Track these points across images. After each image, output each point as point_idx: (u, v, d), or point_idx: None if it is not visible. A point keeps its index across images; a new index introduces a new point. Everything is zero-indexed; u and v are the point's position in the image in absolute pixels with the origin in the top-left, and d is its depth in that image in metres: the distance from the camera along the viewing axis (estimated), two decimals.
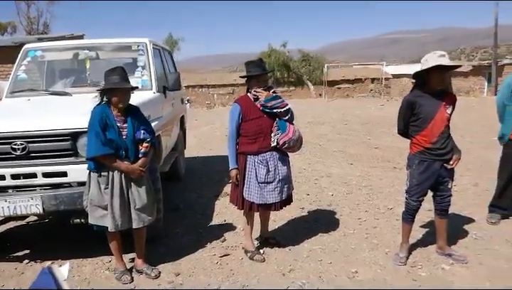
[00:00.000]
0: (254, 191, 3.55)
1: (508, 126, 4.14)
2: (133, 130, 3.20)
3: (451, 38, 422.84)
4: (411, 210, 3.53)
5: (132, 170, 3.18)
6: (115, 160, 3.10)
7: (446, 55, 3.25)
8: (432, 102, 3.29)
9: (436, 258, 3.60)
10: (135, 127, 3.21)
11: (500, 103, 4.24)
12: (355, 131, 11.05)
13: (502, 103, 4.22)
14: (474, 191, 5.46)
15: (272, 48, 26.86)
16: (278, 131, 3.55)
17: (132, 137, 3.19)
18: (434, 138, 3.31)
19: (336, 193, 5.57)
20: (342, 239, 4.09)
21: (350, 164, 7.30)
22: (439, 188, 3.47)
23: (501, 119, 4.28)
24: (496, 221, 4.30)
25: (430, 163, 3.36)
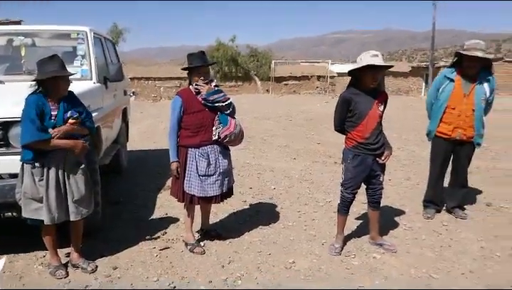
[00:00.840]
0: (195, 184, 3.58)
1: (434, 123, 4.42)
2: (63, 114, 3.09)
3: (394, 40, 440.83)
4: (346, 202, 3.70)
5: (75, 144, 3.09)
6: (52, 141, 2.99)
7: (379, 55, 3.41)
8: (365, 100, 3.46)
9: (369, 247, 3.79)
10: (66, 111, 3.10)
11: (429, 101, 4.53)
12: (299, 127, 11.30)
13: (430, 101, 4.50)
14: (407, 185, 5.78)
15: (221, 42, 26.81)
16: (219, 124, 3.59)
17: (62, 121, 3.07)
18: (367, 133, 3.48)
19: (277, 187, 5.69)
20: (282, 231, 4.20)
21: (293, 159, 7.47)
22: (372, 181, 3.66)
23: (429, 116, 4.56)
24: (431, 215, 4.56)
25: (364, 158, 3.53)
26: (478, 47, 4.11)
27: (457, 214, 4.54)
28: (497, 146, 8.51)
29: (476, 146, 4.37)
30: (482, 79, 4.21)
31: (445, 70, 4.45)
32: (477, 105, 4.20)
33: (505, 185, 5.75)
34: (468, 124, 4.24)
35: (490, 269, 3.41)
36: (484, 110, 4.29)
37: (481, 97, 4.20)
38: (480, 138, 4.32)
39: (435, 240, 3.97)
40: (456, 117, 4.26)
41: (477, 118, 4.23)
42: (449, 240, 3.97)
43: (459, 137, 4.29)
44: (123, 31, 31.04)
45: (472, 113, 4.22)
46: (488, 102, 4.29)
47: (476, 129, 4.25)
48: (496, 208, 4.84)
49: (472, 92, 4.21)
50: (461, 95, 4.23)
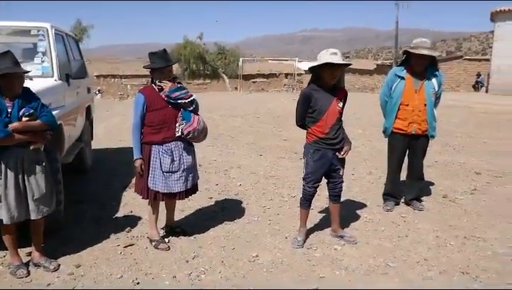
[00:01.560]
0: (159, 180, 3.60)
1: (389, 120, 4.59)
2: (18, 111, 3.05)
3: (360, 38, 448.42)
4: (307, 195, 3.80)
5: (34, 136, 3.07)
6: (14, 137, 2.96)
7: (338, 53, 3.53)
8: (325, 96, 3.57)
9: (330, 240, 3.91)
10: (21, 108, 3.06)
11: (383, 99, 4.69)
12: (266, 124, 11.41)
13: (384, 99, 4.67)
14: (368, 179, 5.96)
15: (188, 40, 26.62)
16: (182, 121, 3.62)
17: (17, 119, 3.03)
18: (327, 129, 3.59)
19: (244, 183, 5.76)
20: (246, 226, 4.27)
21: (259, 155, 7.56)
22: (332, 175, 3.78)
23: (384, 114, 4.73)
24: (390, 208, 4.72)
25: (324, 152, 3.64)
26: (424, 46, 4.30)
27: (415, 206, 4.73)
28: (456, 141, 8.87)
29: (431, 138, 4.57)
30: (430, 75, 4.41)
31: (395, 69, 4.65)
32: (428, 100, 4.41)
33: (460, 178, 6.01)
34: (422, 119, 4.44)
35: (444, 257, 3.59)
36: (434, 104, 4.49)
37: (430, 92, 4.40)
38: (433, 131, 4.53)
39: (393, 231, 4.13)
40: (410, 113, 4.44)
41: (429, 112, 4.43)
42: (406, 231, 4.14)
43: (415, 132, 4.47)
44: (87, 28, 30.37)
45: (424, 108, 4.42)
46: (437, 96, 4.50)
47: (429, 122, 4.46)
48: (452, 199, 5.07)
49: (422, 88, 4.41)
50: (412, 92, 4.42)
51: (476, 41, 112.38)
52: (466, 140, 9.04)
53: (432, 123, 4.48)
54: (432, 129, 4.51)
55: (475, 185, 5.65)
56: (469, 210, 4.71)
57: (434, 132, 4.56)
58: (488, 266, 3.42)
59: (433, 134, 4.55)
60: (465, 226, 4.26)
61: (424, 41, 4.36)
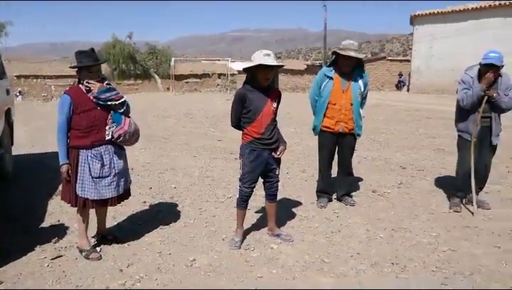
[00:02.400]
0: (88, 187, 3.43)
1: (318, 119, 4.73)
2: None
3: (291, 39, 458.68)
4: (244, 196, 3.81)
5: None
6: None
7: (271, 54, 3.56)
8: (259, 97, 3.60)
9: (267, 239, 3.95)
10: None
11: (313, 98, 4.83)
12: (200, 124, 11.31)
13: (314, 98, 4.81)
14: (302, 177, 6.10)
15: (117, 39, 25.64)
16: (113, 124, 3.48)
17: None
18: (262, 129, 3.62)
19: (178, 186, 5.65)
20: (182, 229, 4.19)
21: (194, 156, 7.46)
22: (268, 175, 3.81)
23: (314, 113, 4.86)
24: (324, 204, 4.85)
25: (260, 152, 3.67)
26: (351, 48, 4.48)
27: (346, 201, 4.91)
28: (382, 137, 9.33)
29: (357, 137, 4.76)
30: (357, 76, 4.60)
31: (324, 69, 4.80)
32: (354, 100, 4.60)
33: (387, 173, 6.33)
34: (348, 117, 4.62)
35: (374, 250, 3.75)
36: (361, 104, 4.69)
37: (357, 92, 4.59)
38: (359, 130, 4.72)
39: (327, 227, 4.26)
40: (337, 112, 4.60)
41: (355, 111, 4.62)
42: (339, 226, 4.29)
43: (342, 130, 4.65)
44: (5, 24, 28.28)
45: (351, 107, 4.60)
46: (363, 96, 4.70)
47: (355, 121, 4.65)
48: (380, 194, 5.32)
49: (349, 88, 4.59)
50: (340, 91, 4.59)
51: (398, 43, 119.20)
52: (390, 136, 9.54)
53: (358, 122, 4.67)
54: (359, 128, 4.70)
55: (401, 179, 5.97)
56: (396, 203, 4.97)
57: (360, 131, 4.75)
58: (415, 255, 3.62)
59: (359, 133, 4.74)
60: (392, 218, 4.49)
61: (351, 43, 4.53)
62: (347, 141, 4.75)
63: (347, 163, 4.90)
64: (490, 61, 4.29)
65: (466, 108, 4.50)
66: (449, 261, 3.51)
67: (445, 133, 9.40)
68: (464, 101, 4.47)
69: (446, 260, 3.53)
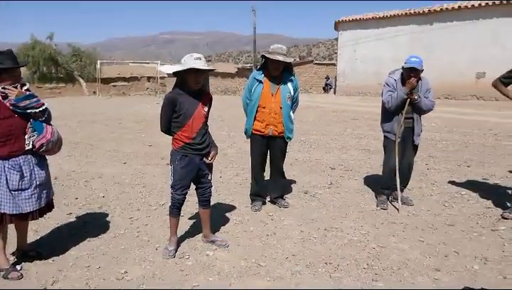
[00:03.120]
0: (6, 200, 3.15)
1: (249, 122, 4.75)
2: None
3: (221, 42, 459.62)
4: (176, 203, 3.70)
5: None
6: None
7: (202, 58, 3.51)
8: (190, 101, 3.53)
9: (202, 246, 3.88)
10: None
11: (244, 102, 4.84)
12: (130, 130, 10.94)
13: (245, 102, 4.82)
14: (236, 181, 6.08)
15: (36, 40, 24.14)
16: (33, 132, 3.23)
17: None
18: (193, 134, 3.55)
19: (107, 194, 5.40)
20: (112, 241, 4.00)
21: (123, 163, 7.18)
22: (201, 180, 3.75)
23: (246, 116, 4.88)
24: (258, 208, 4.86)
25: (191, 158, 3.59)
26: (280, 52, 4.54)
27: (280, 203, 4.96)
28: (312, 139, 9.58)
29: (287, 140, 4.79)
30: (286, 80, 4.66)
31: (254, 72, 4.83)
32: (283, 103, 4.64)
33: (318, 174, 6.50)
34: (278, 121, 4.67)
35: (308, 250, 3.81)
36: (292, 107, 4.76)
37: (286, 96, 4.65)
38: (290, 133, 4.77)
39: (262, 230, 4.27)
40: (267, 115, 4.64)
41: (285, 115, 4.67)
42: (273, 228, 4.31)
43: (272, 133, 4.69)
44: None
45: (280, 110, 4.65)
46: (293, 100, 4.76)
47: (285, 124, 4.69)
48: (312, 194, 5.44)
49: (278, 92, 4.63)
50: (269, 95, 4.63)
51: (324, 47, 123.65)
52: (320, 137, 9.82)
53: (288, 125, 4.71)
54: (289, 132, 4.74)
55: (331, 179, 6.16)
56: (328, 203, 5.10)
57: (291, 134, 4.80)
58: (347, 254, 3.73)
59: (289, 136, 4.78)
60: (325, 218, 4.61)
61: (279, 47, 4.58)
62: (277, 145, 4.78)
63: (278, 166, 4.93)
64: (412, 65, 4.54)
65: (390, 110, 4.73)
66: (378, 258, 3.65)
67: (370, 133, 9.87)
68: (389, 104, 4.70)
69: (375, 256, 3.67)
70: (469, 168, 6.71)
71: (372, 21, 21.42)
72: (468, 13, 17.85)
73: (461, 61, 17.63)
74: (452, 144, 8.68)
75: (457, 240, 4.00)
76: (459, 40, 17.91)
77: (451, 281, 3.25)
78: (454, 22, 18.29)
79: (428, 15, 19.18)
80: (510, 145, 5.40)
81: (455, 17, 18.27)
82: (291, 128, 4.76)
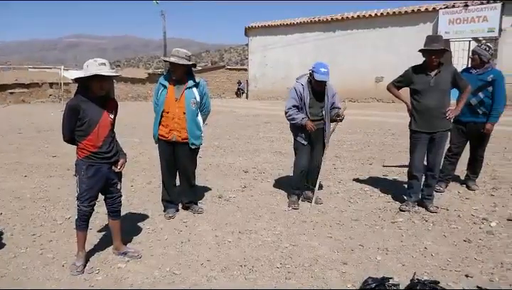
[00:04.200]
0: None
1: (156, 127, 4.71)
2: None
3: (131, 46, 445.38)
4: (83, 216, 3.52)
5: None
6: None
7: (106, 63, 3.38)
8: (95, 108, 3.38)
9: (113, 259, 3.72)
10: None
11: (154, 107, 4.76)
12: (31, 140, 10.17)
13: (155, 107, 4.74)
14: (148, 189, 5.93)
15: None
16: None
17: None
18: (99, 142, 3.40)
19: (5, 211, 4.96)
20: (12, 261, 3.68)
21: (24, 176, 6.66)
22: (109, 190, 3.60)
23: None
24: (172, 215, 4.79)
25: (98, 167, 3.44)
26: (176, 54, 4.52)
27: (194, 209, 4.93)
28: (226, 143, 9.65)
29: (191, 146, 4.69)
30: (192, 85, 4.63)
31: (161, 78, 4.79)
32: (187, 109, 4.59)
33: (231, 178, 6.56)
34: (181, 126, 4.60)
35: (223, 255, 3.83)
36: (202, 113, 4.75)
37: (190, 101, 4.60)
38: (195, 140, 4.68)
39: (176, 237, 4.21)
40: (171, 120, 4.59)
41: (189, 120, 4.61)
42: (188, 235, 4.28)
43: (175, 139, 4.63)
44: None
45: (184, 116, 4.59)
46: (202, 105, 4.72)
47: (189, 130, 4.62)
48: (226, 199, 5.48)
49: (183, 97, 4.58)
50: (173, 100, 4.57)
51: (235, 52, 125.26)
52: (233, 141, 9.93)
53: (193, 132, 4.64)
54: (194, 138, 4.66)
55: (244, 182, 6.25)
56: (242, 206, 5.17)
57: (197, 141, 4.70)
58: (261, 255, 3.81)
59: (194, 143, 4.68)
60: (239, 221, 4.67)
61: (177, 50, 4.55)
62: (182, 151, 4.69)
63: (185, 172, 4.84)
64: (322, 78, 4.78)
65: (288, 120, 5.00)
66: (291, 256, 3.78)
67: (282, 136, 10.19)
68: (290, 117, 4.96)
69: (288, 255, 3.80)
70: (371, 166, 7.22)
71: (281, 28, 22.18)
72: (366, 22, 19.20)
73: (362, 66, 18.91)
74: (356, 144, 9.27)
75: (362, 234, 4.28)
76: (359, 46, 19.18)
77: (357, 272, 3.46)
78: (354, 30, 19.57)
79: (331, 23, 20.31)
80: (405, 143, 5.92)
81: (355, 25, 19.56)
82: (196, 134, 4.69)
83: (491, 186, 5.77)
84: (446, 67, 4.75)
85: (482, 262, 3.60)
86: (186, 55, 4.54)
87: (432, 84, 4.65)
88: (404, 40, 17.22)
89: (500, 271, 3.43)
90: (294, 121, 4.93)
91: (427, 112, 4.71)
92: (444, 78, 4.66)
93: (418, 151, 4.88)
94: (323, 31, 20.52)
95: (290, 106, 4.94)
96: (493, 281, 3.27)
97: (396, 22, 18.21)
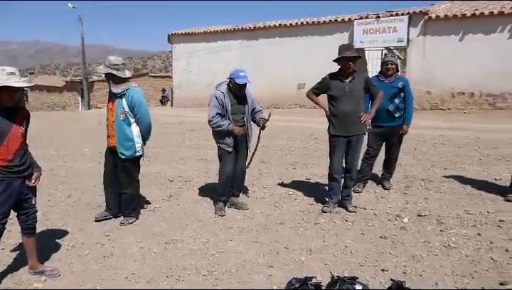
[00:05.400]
0: None
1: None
2: None
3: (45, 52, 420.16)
4: None
5: None
6: None
7: (16, 72, 3.18)
8: (4, 119, 3.17)
9: (29, 279, 3.50)
10: None
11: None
12: None
13: None
14: (68, 203, 5.63)
15: None
16: None
17: None
18: (10, 155, 3.20)
19: None
20: None
21: None
22: (23, 206, 3.39)
23: None
24: (99, 218, 4.82)
25: (9, 182, 3.22)
26: (106, 63, 4.51)
27: (122, 221, 4.79)
28: (150, 152, 9.42)
29: (120, 155, 4.64)
30: (122, 95, 4.57)
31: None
32: (115, 117, 4.59)
33: (157, 187, 6.44)
34: (112, 133, 4.67)
35: (149, 266, 3.75)
36: (141, 126, 4.69)
37: (119, 111, 4.57)
38: (123, 150, 4.61)
39: (98, 252, 4.05)
40: (109, 127, 4.71)
41: (117, 130, 4.59)
42: (111, 249, 4.13)
43: (111, 145, 4.71)
44: None
45: (113, 124, 4.62)
46: (135, 116, 4.61)
47: (117, 140, 4.61)
48: (151, 209, 5.37)
49: (113, 106, 4.60)
50: (109, 108, 4.68)
51: (159, 60, 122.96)
52: (158, 150, 9.73)
53: (121, 141, 4.60)
54: (123, 148, 4.61)
55: (170, 191, 6.16)
56: (167, 216, 5.10)
57: (126, 152, 4.63)
58: (188, 264, 3.78)
59: (123, 152, 4.62)
60: (165, 231, 4.59)
61: (107, 59, 4.58)
62: (117, 159, 4.72)
63: (120, 180, 4.83)
64: (244, 81, 4.92)
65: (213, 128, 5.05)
66: (218, 263, 3.79)
67: (208, 143, 10.16)
68: (215, 125, 5.00)
69: (215, 262, 3.81)
70: (295, 170, 7.44)
71: (204, 35, 22.16)
72: (287, 30, 19.80)
73: (285, 73, 19.43)
74: (280, 149, 9.51)
75: (287, 236, 4.40)
76: (282, 54, 19.71)
77: (282, 274, 3.56)
78: (277, 38, 20.08)
79: (254, 31, 20.67)
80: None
81: (277, 33, 20.07)
82: (125, 145, 4.62)
83: (403, 185, 6.21)
84: (359, 74, 5.05)
85: (396, 256, 3.86)
86: (111, 63, 4.50)
87: (347, 91, 4.93)
88: (324, 48, 17.92)
89: (412, 264, 3.70)
90: (221, 128, 4.97)
91: (344, 117, 4.97)
92: (357, 84, 4.96)
93: (337, 154, 5.13)
94: (246, 39, 20.83)
95: (214, 115, 4.97)
96: (405, 273, 3.52)
97: (316, 31, 18.96)
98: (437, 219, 4.73)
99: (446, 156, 8.15)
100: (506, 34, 14.71)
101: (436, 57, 15.88)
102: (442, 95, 16.01)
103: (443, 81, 15.78)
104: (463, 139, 9.97)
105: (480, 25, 15.01)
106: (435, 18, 15.73)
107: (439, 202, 5.37)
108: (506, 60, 14.13)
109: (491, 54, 14.69)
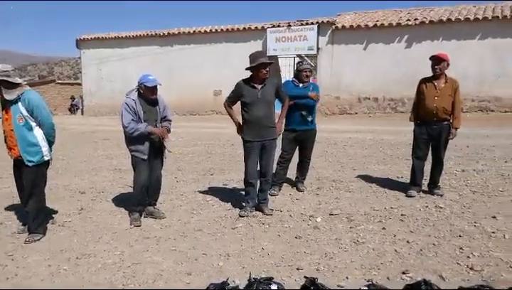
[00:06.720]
0: None
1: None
2: None
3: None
4: None
5: None
6: None
7: None
8: None
9: None
10: None
11: None
12: None
13: None
14: None
15: None
16: None
17: None
18: None
19: None
20: None
21: None
22: None
23: None
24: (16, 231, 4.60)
25: None
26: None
27: (31, 238, 4.48)
28: (58, 163, 8.88)
29: (28, 163, 4.41)
30: (18, 101, 4.33)
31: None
32: (14, 125, 4.36)
33: (67, 201, 6.09)
34: (14, 144, 4.40)
35: (58, 285, 3.54)
36: (44, 129, 4.46)
37: (17, 117, 4.34)
38: (29, 156, 4.39)
39: (0, 274, 3.73)
40: (8, 138, 4.43)
41: (19, 137, 4.36)
42: (15, 269, 3.82)
43: (15, 156, 4.45)
44: None
45: (12, 133, 4.38)
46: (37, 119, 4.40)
47: (21, 147, 4.38)
48: (61, 224, 5.04)
49: (10, 113, 4.36)
50: (5, 118, 4.40)
51: (67, 66, 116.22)
52: (68, 161, 9.19)
53: (25, 148, 4.38)
54: (28, 154, 4.39)
55: (81, 204, 5.85)
56: (78, 230, 4.84)
57: (33, 157, 4.41)
58: (101, 278, 3.62)
59: (30, 159, 4.41)
60: (76, 246, 4.35)
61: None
62: (23, 169, 4.49)
63: (27, 192, 4.55)
64: (155, 83, 4.86)
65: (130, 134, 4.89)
66: (134, 275, 3.67)
67: (121, 152, 9.79)
68: (132, 130, 4.84)
69: (131, 275, 3.69)
70: (212, 176, 7.46)
71: (116, 40, 21.39)
72: (201, 37, 19.80)
73: (201, 80, 19.37)
74: (198, 156, 9.47)
75: (205, 243, 4.40)
76: (197, 61, 19.64)
77: (201, 281, 3.55)
78: (192, 45, 19.98)
79: (168, 38, 20.39)
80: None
81: (192, 40, 19.98)
82: (30, 151, 4.41)
83: (316, 186, 6.50)
84: (270, 80, 5.22)
85: (310, 255, 4.04)
86: (0, 71, 4.23)
87: (259, 97, 5.06)
88: (238, 55, 18.15)
89: (325, 261, 3.89)
90: (139, 132, 4.82)
91: (257, 122, 5.10)
92: (268, 90, 5.12)
93: (251, 159, 5.23)
94: (160, 45, 20.47)
95: (129, 121, 4.84)
96: (319, 270, 3.69)
97: (231, 38, 19.18)
98: (347, 217, 5.02)
99: (355, 157, 8.69)
100: (403, 44, 16.07)
101: (343, 64, 16.90)
102: (350, 100, 17.03)
103: (350, 87, 16.81)
104: (369, 141, 10.70)
105: (381, 35, 16.26)
106: (341, 28, 16.72)
107: (349, 200, 5.71)
108: (404, 67, 15.40)
109: (391, 62, 15.97)
